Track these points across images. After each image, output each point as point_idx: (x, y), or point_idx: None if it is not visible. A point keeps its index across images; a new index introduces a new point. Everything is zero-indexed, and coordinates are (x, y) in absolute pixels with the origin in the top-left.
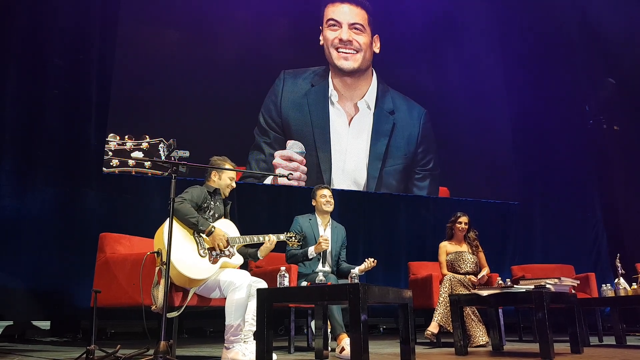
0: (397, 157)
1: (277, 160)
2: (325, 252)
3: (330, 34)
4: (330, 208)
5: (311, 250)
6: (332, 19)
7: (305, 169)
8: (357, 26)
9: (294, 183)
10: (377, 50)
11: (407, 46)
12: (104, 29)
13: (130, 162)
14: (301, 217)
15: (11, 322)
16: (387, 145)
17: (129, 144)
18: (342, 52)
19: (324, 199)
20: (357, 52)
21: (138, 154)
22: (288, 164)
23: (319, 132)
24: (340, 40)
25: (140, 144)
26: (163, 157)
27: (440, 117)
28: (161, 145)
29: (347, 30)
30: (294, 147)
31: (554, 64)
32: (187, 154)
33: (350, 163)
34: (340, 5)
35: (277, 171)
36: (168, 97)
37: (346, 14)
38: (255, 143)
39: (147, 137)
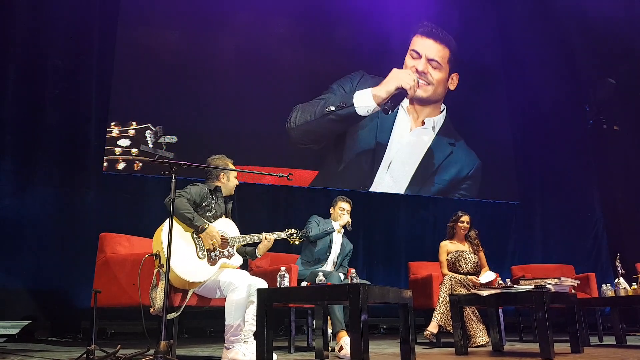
0: (443, 180)
1: None
2: (330, 254)
3: (410, 61)
4: (344, 220)
5: (336, 224)
6: (415, 50)
7: None
8: (434, 62)
9: (410, 92)
10: (452, 87)
11: (474, 88)
12: (104, 29)
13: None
14: (319, 217)
15: (29, 322)
16: (439, 166)
17: (115, 131)
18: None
19: (342, 211)
20: (429, 84)
21: (125, 142)
22: None
23: (383, 121)
24: (417, 70)
25: (127, 131)
26: (150, 144)
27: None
28: (148, 131)
29: (424, 63)
30: None
31: (554, 64)
32: (174, 139)
33: (397, 163)
34: (426, 39)
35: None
36: (168, 97)
37: (428, 48)
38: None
39: (133, 123)
